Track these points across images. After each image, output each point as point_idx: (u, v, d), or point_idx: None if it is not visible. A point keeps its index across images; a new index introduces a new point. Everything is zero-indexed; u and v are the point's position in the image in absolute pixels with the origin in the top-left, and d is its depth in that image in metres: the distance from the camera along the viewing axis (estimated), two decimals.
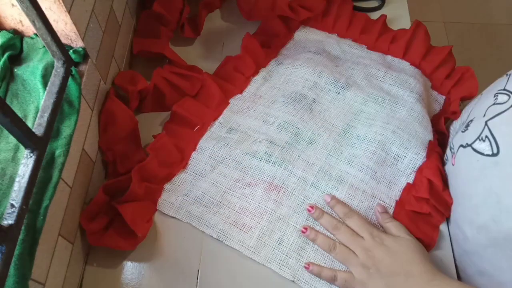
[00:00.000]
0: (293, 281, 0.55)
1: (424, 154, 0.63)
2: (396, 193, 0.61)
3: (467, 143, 0.55)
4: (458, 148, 0.58)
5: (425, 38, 0.75)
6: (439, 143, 0.66)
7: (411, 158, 0.63)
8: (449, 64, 0.74)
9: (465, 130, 0.57)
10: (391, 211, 0.60)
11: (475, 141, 0.54)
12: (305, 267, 0.55)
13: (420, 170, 0.62)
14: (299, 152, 0.64)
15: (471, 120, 0.57)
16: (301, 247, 0.57)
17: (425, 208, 0.58)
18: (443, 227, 0.60)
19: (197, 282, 0.56)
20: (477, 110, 0.57)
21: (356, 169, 0.63)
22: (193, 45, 0.79)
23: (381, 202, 0.60)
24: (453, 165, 0.59)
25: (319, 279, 0.55)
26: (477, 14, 1.84)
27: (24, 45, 0.56)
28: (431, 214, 0.59)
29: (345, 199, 0.60)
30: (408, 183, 0.62)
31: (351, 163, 0.63)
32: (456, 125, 0.66)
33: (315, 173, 0.62)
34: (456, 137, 0.61)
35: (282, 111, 0.68)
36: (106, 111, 0.62)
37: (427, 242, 0.57)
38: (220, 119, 0.68)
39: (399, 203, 0.60)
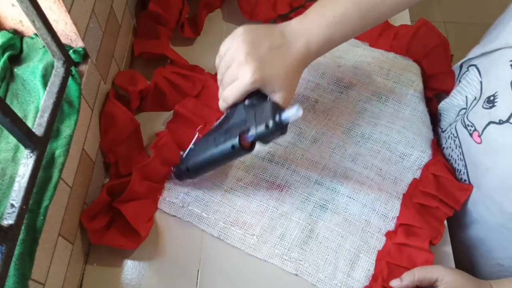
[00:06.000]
0: (296, 275, 0.55)
1: (430, 152, 0.64)
2: (402, 187, 0.62)
3: (501, 120, 0.54)
4: (487, 126, 0.56)
5: (430, 36, 0.74)
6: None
7: (417, 156, 0.63)
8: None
9: (491, 107, 0.56)
10: (398, 203, 0.60)
11: None
12: None
13: (426, 167, 0.63)
14: (303, 151, 0.64)
15: (493, 96, 0.55)
16: (303, 241, 0.57)
17: (433, 202, 0.59)
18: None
19: (197, 282, 0.55)
20: (495, 85, 0.56)
21: (361, 166, 0.63)
22: (193, 45, 0.79)
23: (388, 194, 0.60)
24: (478, 143, 0.58)
25: (323, 270, 0.55)
26: (477, 14, 1.84)
27: (24, 45, 0.56)
28: (438, 208, 0.59)
29: (351, 193, 0.60)
30: (414, 179, 0.62)
31: (356, 160, 0.64)
32: (448, 104, 0.66)
33: (319, 171, 0.62)
34: (474, 114, 0.59)
35: None
36: (106, 113, 0.62)
37: (434, 236, 0.57)
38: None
39: (406, 196, 0.61)
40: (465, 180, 0.62)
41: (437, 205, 0.59)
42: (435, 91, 0.73)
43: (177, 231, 0.59)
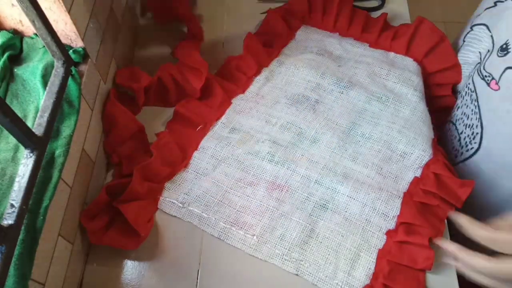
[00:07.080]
0: (296, 275, 0.55)
1: (431, 151, 0.64)
2: (403, 186, 0.62)
3: None
4: (503, 72, 0.58)
5: (430, 34, 0.75)
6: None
7: (418, 154, 0.63)
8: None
9: (505, 54, 0.58)
10: (399, 201, 0.60)
11: None
12: None
13: (427, 166, 0.63)
14: (303, 151, 0.64)
15: (506, 43, 0.58)
16: (304, 241, 0.57)
17: (433, 200, 0.59)
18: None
19: (197, 282, 0.55)
20: (505, 34, 0.59)
21: (361, 165, 0.63)
22: None
23: (388, 193, 0.60)
24: (496, 90, 0.59)
25: (323, 270, 0.55)
26: None
27: (24, 45, 0.56)
28: (439, 206, 0.59)
29: (351, 193, 0.60)
30: (415, 177, 0.62)
31: (356, 160, 0.64)
32: (462, 62, 0.70)
33: (319, 171, 0.62)
34: (490, 64, 0.61)
35: (285, 112, 0.68)
36: (107, 114, 0.62)
37: (435, 234, 0.57)
38: (223, 119, 0.68)
39: (407, 194, 0.61)
40: (477, 134, 0.64)
41: (438, 203, 0.59)
42: (442, 86, 0.73)
43: (177, 231, 0.59)
